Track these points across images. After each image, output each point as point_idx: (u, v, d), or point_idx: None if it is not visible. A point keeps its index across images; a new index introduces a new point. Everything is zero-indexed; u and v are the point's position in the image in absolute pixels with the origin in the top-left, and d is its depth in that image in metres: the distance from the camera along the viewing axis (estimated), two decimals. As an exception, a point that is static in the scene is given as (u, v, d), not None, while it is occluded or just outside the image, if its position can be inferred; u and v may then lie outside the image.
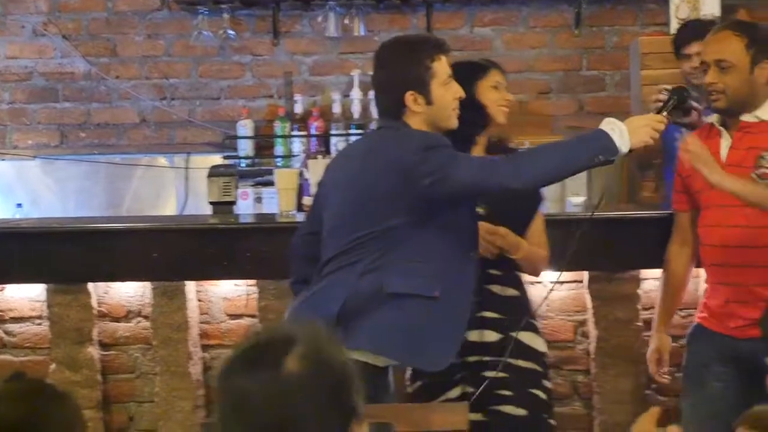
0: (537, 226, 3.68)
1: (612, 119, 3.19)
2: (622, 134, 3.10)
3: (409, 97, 3.21)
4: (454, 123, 3.35)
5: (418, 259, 3.22)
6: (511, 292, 3.63)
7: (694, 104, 4.03)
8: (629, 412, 3.72)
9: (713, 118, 3.55)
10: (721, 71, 3.37)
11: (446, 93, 3.26)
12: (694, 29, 4.57)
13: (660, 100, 3.81)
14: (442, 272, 3.26)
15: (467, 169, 3.19)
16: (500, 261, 3.54)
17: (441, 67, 3.25)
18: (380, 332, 3.21)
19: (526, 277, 3.84)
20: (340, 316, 3.18)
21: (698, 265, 3.75)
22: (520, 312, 3.61)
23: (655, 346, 3.76)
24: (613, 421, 4.08)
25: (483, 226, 3.50)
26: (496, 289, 3.59)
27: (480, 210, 3.54)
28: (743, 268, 3.39)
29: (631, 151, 3.17)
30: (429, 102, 3.23)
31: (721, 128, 3.45)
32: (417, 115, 3.24)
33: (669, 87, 3.88)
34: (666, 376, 3.79)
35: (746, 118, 3.41)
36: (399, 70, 3.28)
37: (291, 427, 1.60)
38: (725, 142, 3.45)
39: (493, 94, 3.55)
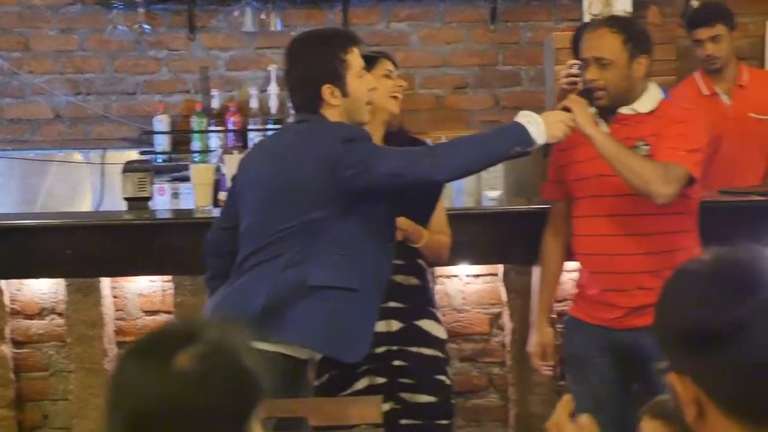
0: (439, 214, 3.72)
1: (528, 112, 3.24)
2: (539, 126, 3.16)
3: (326, 90, 3.21)
4: (368, 115, 3.39)
5: (340, 251, 3.24)
6: (414, 281, 3.69)
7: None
8: (544, 403, 3.79)
9: (591, 110, 3.59)
10: (601, 68, 3.46)
11: (361, 85, 3.28)
12: None
13: (572, 74, 4.00)
14: (362, 263, 3.28)
15: (390, 161, 3.21)
16: (403, 251, 3.59)
17: (355, 59, 3.27)
18: (305, 325, 3.23)
19: (442, 270, 4.00)
20: (263, 310, 3.18)
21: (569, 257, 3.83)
22: (422, 300, 3.70)
23: (538, 339, 3.81)
24: (528, 412, 4.13)
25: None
26: (399, 278, 3.63)
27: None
28: (618, 256, 3.47)
29: (546, 144, 3.25)
30: (345, 94, 3.23)
31: (600, 119, 3.51)
32: (334, 108, 3.25)
33: (579, 62, 3.99)
34: (550, 369, 3.83)
35: (624, 110, 3.49)
36: (315, 64, 3.28)
37: (173, 423, 1.60)
38: None
39: (385, 83, 3.61)
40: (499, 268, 4.16)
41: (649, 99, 3.56)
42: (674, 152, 3.39)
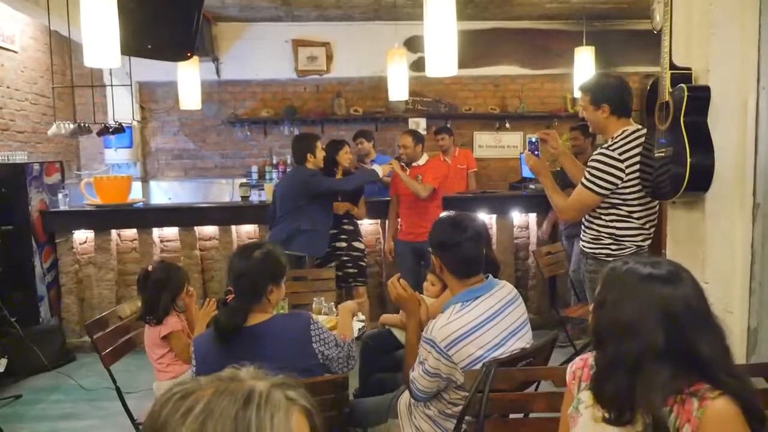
0: (361, 202, 6.06)
1: (375, 165, 5.63)
2: (379, 170, 5.55)
3: (309, 156, 5.38)
4: (321, 165, 5.44)
5: (312, 216, 5.36)
6: (350, 227, 6.01)
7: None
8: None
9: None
10: (406, 149, 5.83)
11: (320, 154, 5.50)
12: (335, 141, 6.35)
13: (359, 151, 6.63)
14: (320, 219, 5.49)
15: (326, 185, 5.39)
16: (347, 215, 5.97)
17: (319, 144, 5.40)
18: (300, 243, 5.42)
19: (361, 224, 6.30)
20: (285, 239, 5.33)
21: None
22: (353, 235, 6.05)
23: (389, 247, 5.95)
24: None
25: (340, 204, 5.87)
26: (346, 226, 5.98)
27: (338, 198, 5.93)
28: (417, 217, 5.87)
29: (380, 177, 5.62)
30: (315, 157, 5.42)
31: (407, 167, 5.65)
32: (311, 161, 5.37)
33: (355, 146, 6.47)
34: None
35: (414, 164, 5.75)
36: (305, 145, 5.46)
37: (249, 280, 2.49)
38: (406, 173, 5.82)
39: (346, 156, 5.79)
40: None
41: (424, 159, 5.85)
42: (428, 180, 5.62)
